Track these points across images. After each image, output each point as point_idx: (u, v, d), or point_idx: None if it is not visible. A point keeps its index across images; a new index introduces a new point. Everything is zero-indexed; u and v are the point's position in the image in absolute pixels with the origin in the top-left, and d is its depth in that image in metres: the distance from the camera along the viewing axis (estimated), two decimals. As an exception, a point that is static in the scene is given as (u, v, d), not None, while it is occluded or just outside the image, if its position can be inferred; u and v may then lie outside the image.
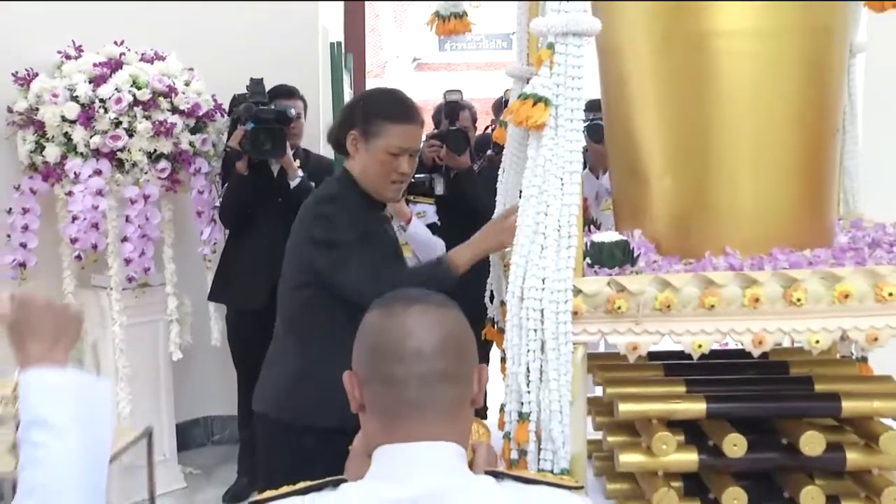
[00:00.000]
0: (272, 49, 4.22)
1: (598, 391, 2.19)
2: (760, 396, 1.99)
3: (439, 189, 3.71)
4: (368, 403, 1.25)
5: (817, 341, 1.74)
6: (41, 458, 1.27)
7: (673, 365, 2.10)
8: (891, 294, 1.72)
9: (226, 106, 3.98)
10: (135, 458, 3.80)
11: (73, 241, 3.62)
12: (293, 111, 3.72)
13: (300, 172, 3.70)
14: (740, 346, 1.80)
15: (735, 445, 1.87)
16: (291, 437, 2.29)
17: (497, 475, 1.25)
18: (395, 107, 2.33)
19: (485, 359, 4.14)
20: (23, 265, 3.70)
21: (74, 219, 3.60)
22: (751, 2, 1.84)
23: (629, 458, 1.94)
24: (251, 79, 3.70)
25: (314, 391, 2.26)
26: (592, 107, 2.05)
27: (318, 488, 1.21)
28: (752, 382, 2.05)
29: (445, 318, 1.26)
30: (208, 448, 4.45)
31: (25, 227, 3.71)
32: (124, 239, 3.71)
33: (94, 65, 3.71)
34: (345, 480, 1.22)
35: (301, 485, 1.22)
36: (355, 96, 2.50)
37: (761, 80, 1.88)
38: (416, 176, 3.92)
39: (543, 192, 1.67)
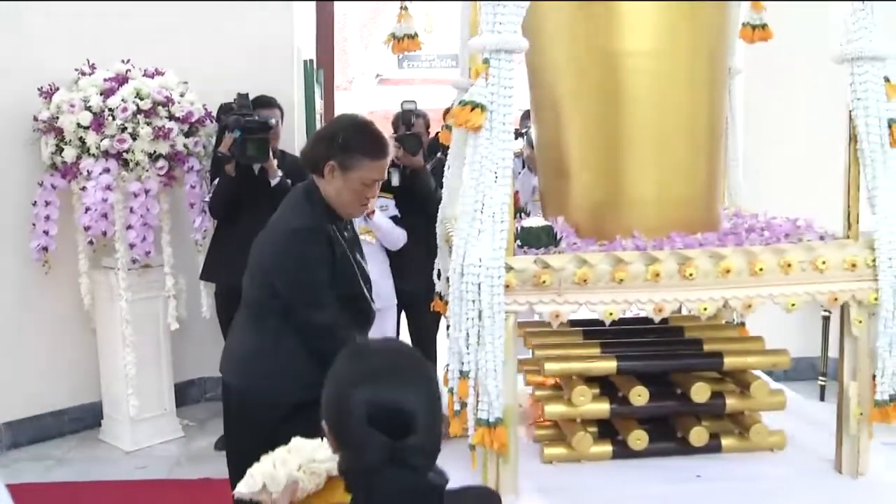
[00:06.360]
0: (254, 65, 4.14)
1: (529, 353, 2.18)
2: (660, 355, 2.00)
3: (395, 181, 3.65)
4: None
5: (705, 309, 1.74)
6: None
7: (590, 330, 2.10)
8: (761, 269, 1.73)
9: (214, 113, 3.90)
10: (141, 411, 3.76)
11: (87, 228, 3.62)
12: (273, 120, 3.65)
13: (279, 172, 3.63)
14: (643, 314, 1.80)
15: (639, 396, 1.88)
16: (255, 409, 2.15)
17: None
18: (371, 144, 2.17)
19: (436, 325, 4.11)
20: (45, 249, 3.74)
21: (87, 210, 3.57)
22: (649, 24, 1.83)
23: (553, 409, 1.94)
24: (238, 93, 3.62)
25: (272, 368, 2.15)
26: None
27: None
28: (653, 344, 2.06)
29: None
30: (202, 404, 4.37)
31: (47, 217, 3.72)
32: (129, 227, 3.67)
33: (105, 80, 3.67)
34: None
35: None
36: (333, 126, 2.32)
37: (660, 94, 1.88)
38: None
39: (480, 184, 1.65)
